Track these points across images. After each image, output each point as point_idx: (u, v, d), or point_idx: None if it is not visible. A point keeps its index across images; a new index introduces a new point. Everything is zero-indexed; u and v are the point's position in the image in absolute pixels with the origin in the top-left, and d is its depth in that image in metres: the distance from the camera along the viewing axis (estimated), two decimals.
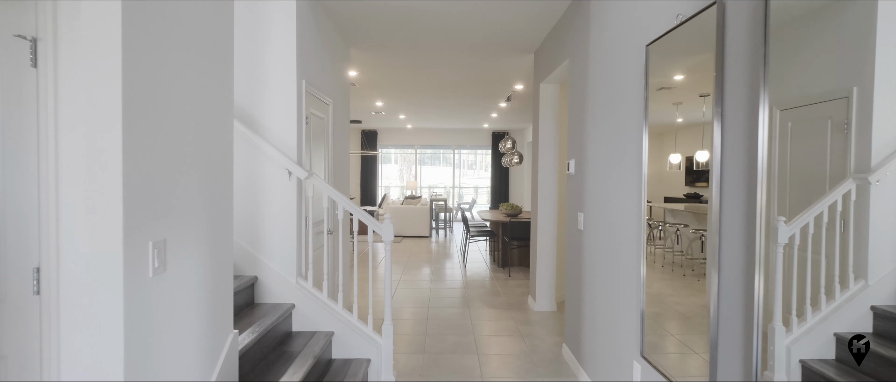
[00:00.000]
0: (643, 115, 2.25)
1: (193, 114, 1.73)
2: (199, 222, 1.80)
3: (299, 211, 3.20)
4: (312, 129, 3.57)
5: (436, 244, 9.57)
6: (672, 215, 2.12)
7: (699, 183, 1.90)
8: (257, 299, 3.16)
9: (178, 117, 1.63)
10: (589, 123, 3.12)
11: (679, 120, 2.06)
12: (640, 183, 2.31)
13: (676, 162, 2.06)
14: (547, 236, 4.80)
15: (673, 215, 2.12)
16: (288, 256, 3.15)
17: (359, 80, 6.68)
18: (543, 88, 4.76)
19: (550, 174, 4.79)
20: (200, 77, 1.76)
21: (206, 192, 1.83)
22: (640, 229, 2.32)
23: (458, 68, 5.97)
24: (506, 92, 7.54)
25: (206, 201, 1.84)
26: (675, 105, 2.09)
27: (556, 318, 4.61)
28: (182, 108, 1.65)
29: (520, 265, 7.21)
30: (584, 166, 3.21)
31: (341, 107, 4.45)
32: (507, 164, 7.79)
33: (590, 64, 3.11)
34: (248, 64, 3.13)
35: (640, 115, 2.32)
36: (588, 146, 3.14)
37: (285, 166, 3.07)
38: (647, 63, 2.23)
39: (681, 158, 2.03)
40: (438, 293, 5.54)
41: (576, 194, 3.42)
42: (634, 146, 2.39)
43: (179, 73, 1.63)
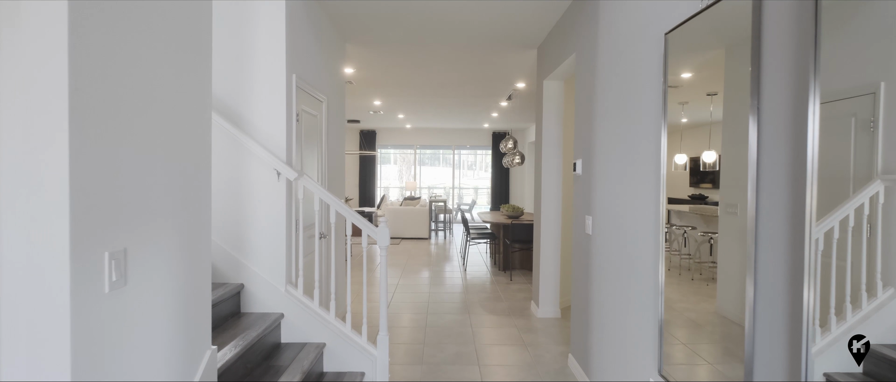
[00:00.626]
0: (662, 110, 2.05)
1: (163, 105, 1.53)
2: (170, 228, 1.60)
3: (289, 214, 3.00)
4: (304, 127, 3.38)
5: (435, 246, 9.38)
6: (678, 216, 2.02)
7: (703, 184, 1.83)
8: (244, 308, 2.96)
9: (144, 109, 1.43)
10: (598, 121, 2.92)
11: (684, 120, 1.98)
12: (657, 184, 2.11)
13: (682, 163, 1.99)
14: (550, 239, 4.60)
15: (679, 216, 2.01)
16: (277, 262, 2.95)
17: (356, 78, 6.49)
18: (547, 85, 4.56)
19: (554, 175, 4.59)
20: (171, 63, 1.57)
21: (178, 194, 1.64)
22: (657, 233, 2.12)
23: (457, 66, 5.77)
24: (507, 90, 7.35)
25: (179, 204, 1.65)
26: (681, 104, 2.00)
27: (560, 325, 4.41)
28: (148, 98, 1.45)
29: (521, 269, 7.01)
30: (593, 167, 3.02)
31: (336, 105, 4.25)
32: (508, 164, 7.60)
33: (599, 57, 2.92)
34: (234, 56, 2.93)
35: (657, 110, 2.13)
36: (597, 145, 2.94)
37: (273, 165, 2.87)
38: (665, 53, 2.04)
39: (686, 158, 1.95)
40: (438, 298, 5.35)
41: (583, 197, 3.22)
42: (651, 144, 2.19)
43: (143, 57, 1.43)
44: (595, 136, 2.98)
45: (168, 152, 1.57)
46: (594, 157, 2.99)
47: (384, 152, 14.21)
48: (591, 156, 3.05)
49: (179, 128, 1.63)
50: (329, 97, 3.98)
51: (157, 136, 1.50)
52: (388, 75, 6.37)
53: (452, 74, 6.27)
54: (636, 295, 2.36)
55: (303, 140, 3.33)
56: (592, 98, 3.03)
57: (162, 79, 1.53)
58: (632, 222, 2.41)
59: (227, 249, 2.94)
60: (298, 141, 3.22)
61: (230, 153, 2.92)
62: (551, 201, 4.58)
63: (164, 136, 1.54)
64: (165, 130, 1.55)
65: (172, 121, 1.59)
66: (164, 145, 1.54)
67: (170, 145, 1.58)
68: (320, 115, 3.78)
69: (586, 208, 3.15)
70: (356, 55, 5.29)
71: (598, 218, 2.92)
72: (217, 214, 2.92)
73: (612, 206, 2.67)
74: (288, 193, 2.97)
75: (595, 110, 2.98)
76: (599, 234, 2.88)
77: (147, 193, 1.47)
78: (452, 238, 10.46)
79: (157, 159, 1.51)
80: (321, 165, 3.82)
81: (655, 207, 2.14)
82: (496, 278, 6.45)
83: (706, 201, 1.83)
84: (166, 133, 1.56)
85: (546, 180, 4.58)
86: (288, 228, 2.98)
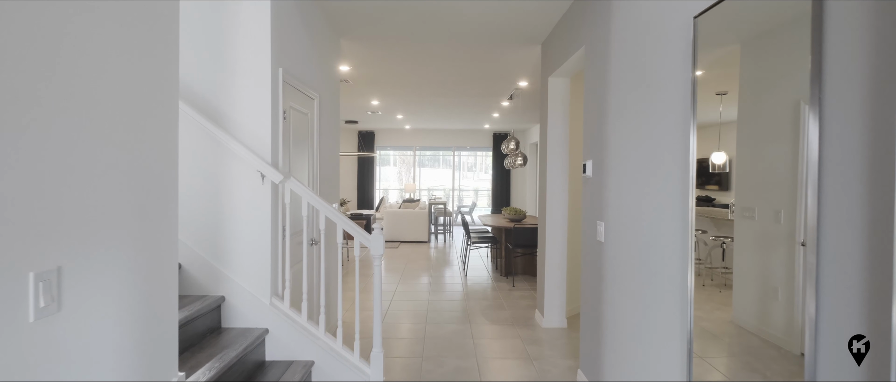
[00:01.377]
0: (690, 104, 1.81)
1: (110, 92, 1.29)
2: (123, 240, 1.36)
3: (274, 220, 2.76)
4: (293, 125, 3.13)
5: (435, 249, 9.13)
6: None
7: (709, 186, 1.77)
8: (225, 322, 2.71)
9: (81, 96, 1.19)
10: (611, 119, 2.68)
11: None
12: (685, 186, 1.87)
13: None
14: (556, 244, 4.36)
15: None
16: (261, 272, 2.70)
17: (352, 76, 6.25)
18: (552, 83, 4.32)
19: (560, 177, 4.35)
20: (121, 42, 1.32)
21: (132, 199, 1.39)
22: (685, 239, 1.88)
23: (457, 63, 5.53)
24: (509, 89, 7.11)
25: (136, 210, 1.40)
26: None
27: (567, 337, 4.16)
28: (87, 82, 1.21)
29: (524, 274, 6.76)
30: (605, 169, 2.78)
31: (330, 103, 4.01)
32: (510, 166, 7.36)
33: (612, 50, 2.67)
34: (214, 46, 2.69)
35: (685, 104, 1.88)
36: (610, 145, 2.70)
37: (257, 167, 2.63)
38: (695, 39, 1.79)
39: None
40: (437, 306, 5.10)
41: (594, 201, 2.98)
42: (676, 143, 1.95)
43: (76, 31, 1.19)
44: (608, 135, 2.73)
45: (120, 149, 1.33)
46: (607, 158, 2.75)
47: (383, 154, 13.98)
48: (604, 157, 2.80)
49: (135, 120, 1.39)
50: (322, 95, 3.74)
51: (101, 130, 1.26)
52: (386, 74, 6.13)
53: (452, 73, 6.04)
54: (657, 307, 2.11)
55: (291, 140, 3.09)
56: (604, 94, 2.78)
57: (108, 60, 1.29)
58: (652, 227, 2.16)
59: (206, 258, 2.69)
60: (286, 141, 2.98)
61: (210, 153, 2.68)
62: (557, 204, 4.34)
63: (112, 130, 1.29)
64: (115, 123, 1.31)
65: (124, 112, 1.34)
66: (113, 140, 1.30)
67: (122, 140, 1.33)
68: (311, 113, 3.54)
69: (597, 212, 2.90)
70: (352, 52, 5.05)
71: (611, 223, 2.67)
72: (195, 220, 2.68)
73: (629, 210, 2.43)
74: (273, 196, 2.73)
75: (607, 107, 2.73)
76: (613, 241, 2.64)
77: (90, 199, 1.22)
78: (452, 242, 10.21)
79: (104, 158, 1.27)
80: (313, 166, 3.57)
81: (682, 210, 1.90)
82: (498, 283, 6.20)
83: (713, 204, 1.76)
84: (116, 127, 1.31)
85: (551, 182, 4.34)
86: (273, 235, 2.73)
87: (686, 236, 1.86)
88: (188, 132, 2.66)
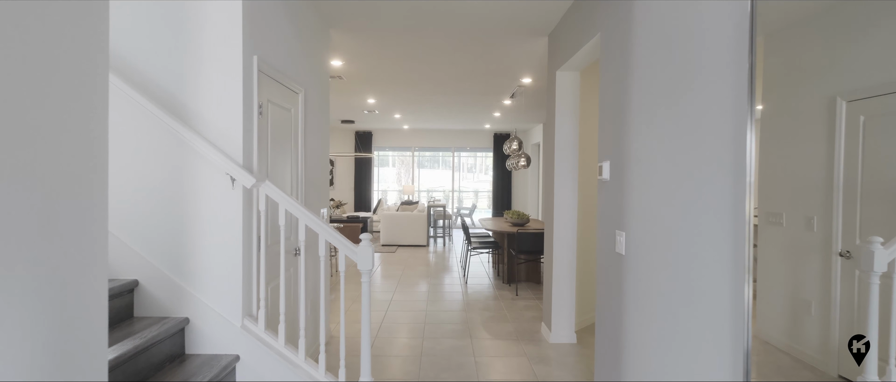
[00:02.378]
0: (748, 96, 1.46)
1: None
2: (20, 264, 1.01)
3: (247, 230, 2.40)
4: (272, 122, 2.78)
5: (434, 254, 8.78)
6: None
7: None
8: (189, 348, 2.36)
9: None
10: (634, 115, 2.33)
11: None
12: (739, 192, 1.52)
13: None
14: (565, 252, 4.00)
15: None
16: (231, 290, 2.35)
17: (346, 72, 5.90)
18: (560, 77, 3.97)
19: (569, 180, 4.00)
20: None
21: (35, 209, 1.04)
22: (740, 254, 1.53)
23: (456, 58, 5.18)
24: (511, 87, 6.76)
25: (41, 223, 1.06)
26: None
27: (577, 354, 3.81)
28: None
29: (528, 281, 6.41)
30: (626, 171, 2.43)
31: (318, 99, 3.66)
32: (512, 167, 7.00)
33: (635, 35, 2.33)
34: (176, 27, 2.34)
35: (738, 96, 1.53)
36: (632, 145, 2.35)
37: (225, 168, 2.27)
38: (753, 14, 1.44)
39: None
40: (436, 318, 4.74)
41: (612, 207, 2.63)
42: (724, 141, 1.60)
43: None
44: (630, 133, 2.38)
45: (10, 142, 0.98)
46: (629, 158, 2.40)
47: (382, 155, 13.63)
48: (625, 158, 2.45)
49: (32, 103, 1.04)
50: (308, 89, 3.39)
51: None
52: (381, 70, 5.78)
53: (451, 69, 5.69)
54: (695, 329, 1.76)
55: (269, 138, 2.74)
56: (626, 86, 2.43)
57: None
58: (690, 238, 1.81)
59: (167, 274, 2.34)
60: (262, 139, 2.63)
61: (173, 154, 2.33)
62: (565, 209, 3.99)
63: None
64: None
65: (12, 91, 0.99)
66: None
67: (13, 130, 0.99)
68: (296, 109, 3.19)
69: (617, 221, 2.55)
70: (343, 45, 4.70)
71: (634, 233, 2.32)
72: (155, 231, 2.33)
73: (657, 219, 2.08)
74: (245, 203, 2.38)
75: (630, 101, 2.38)
76: (637, 253, 2.29)
77: None
78: (452, 246, 9.86)
79: None
80: (297, 169, 3.22)
81: (734, 219, 1.55)
82: (500, 292, 5.85)
83: None
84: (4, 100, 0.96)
85: (560, 185, 3.99)
86: (246, 247, 2.38)
87: (740, 248, 1.51)
88: (147, 129, 2.31)
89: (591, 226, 4.64)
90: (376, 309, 5.04)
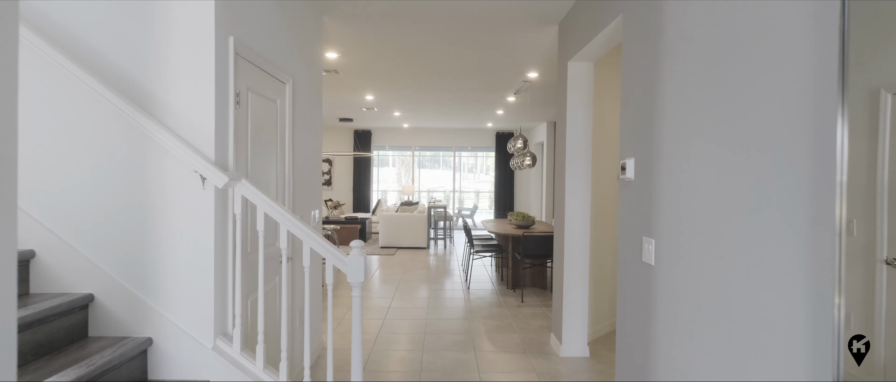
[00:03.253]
0: (838, 61, 1.15)
1: None
2: None
3: (220, 236, 2.09)
4: (253, 114, 2.47)
5: (434, 256, 8.46)
6: None
7: None
8: (153, 373, 2.04)
9: None
10: (667, 101, 2.02)
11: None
12: (828, 193, 1.20)
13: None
14: (577, 258, 3.69)
15: None
16: (202, 306, 2.04)
17: (342, 65, 5.59)
18: (572, 68, 3.66)
19: (581, 179, 3.69)
20: None
21: None
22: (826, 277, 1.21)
23: (458, 50, 4.87)
24: (516, 83, 6.45)
25: None
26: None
27: (592, 370, 3.50)
28: None
29: (533, 286, 6.10)
30: (656, 169, 2.11)
31: (309, 91, 3.35)
32: (517, 166, 6.69)
33: (667, 11, 2.01)
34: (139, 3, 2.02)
35: (824, 63, 1.22)
36: (664, 137, 2.04)
37: (193, 165, 1.96)
38: None
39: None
40: (437, 327, 4.43)
41: (638, 210, 2.31)
42: (801, 123, 1.29)
43: None
44: (661, 123, 2.07)
45: None
46: (659, 154, 2.09)
47: (383, 155, 13.32)
48: (654, 153, 2.14)
49: None
50: (297, 80, 3.08)
51: None
52: (379, 63, 5.47)
53: (453, 62, 5.37)
54: (755, 360, 1.45)
55: (249, 132, 2.43)
56: (656, 70, 2.12)
57: None
58: (746, 249, 1.50)
59: (128, 287, 2.02)
60: (240, 132, 2.32)
61: (135, 149, 2.01)
62: (578, 210, 3.68)
63: None
64: None
65: None
66: None
67: None
68: (282, 101, 2.88)
69: (644, 226, 2.24)
70: (339, 35, 4.39)
71: (667, 241, 2.01)
72: (114, 237, 2.02)
73: (700, 224, 1.77)
74: (218, 205, 2.06)
75: (661, 86, 2.07)
76: (671, 264, 1.97)
77: None
78: (453, 248, 9.54)
79: None
80: (284, 167, 2.91)
81: (812, 226, 1.24)
82: (504, 298, 5.53)
83: None
84: None
85: (571, 184, 3.68)
86: (218, 256, 2.07)
87: (825, 265, 1.20)
88: (104, 120, 2.00)
89: (603, 228, 4.33)
90: (374, 317, 4.73)
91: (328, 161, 12.66)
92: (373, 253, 8.65)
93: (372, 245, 9.71)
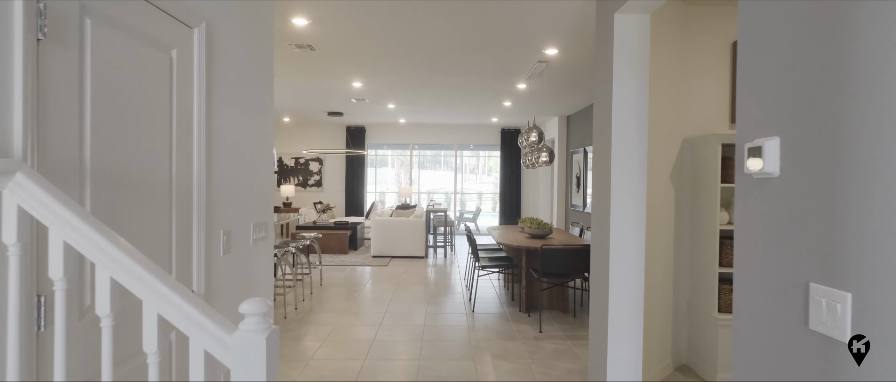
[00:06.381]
0: None
1: None
2: None
3: None
4: (103, 62, 1.43)
5: (433, 268, 7.41)
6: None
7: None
8: None
9: None
10: (873, 43, 0.96)
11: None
12: None
13: None
14: (628, 284, 2.65)
15: None
16: None
17: (316, 37, 4.55)
18: (621, 22, 2.62)
19: (632, 176, 2.65)
20: None
21: None
22: None
23: (459, 15, 3.83)
24: (529, 64, 5.40)
25: None
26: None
27: None
28: None
29: (551, 309, 5.04)
30: (842, 158, 1.06)
31: (243, 46, 2.30)
32: (530, 164, 5.64)
33: None
34: None
35: None
36: (861, 106, 0.98)
37: None
38: None
39: None
40: (433, 371, 3.38)
41: (796, 235, 1.26)
42: None
43: None
44: (854, 83, 1.02)
45: None
46: (851, 133, 1.04)
47: (381, 154, 12.29)
48: (838, 132, 1.09)
49: None
50: (217, 26, 2.04)
51: None
52: (364, 37, 4.42)
53: (453, 32, 4.33)
54: None
55: (88, 91, 1.38)
56: None
57: None
58: None
59: None
60: (53, 87, 1.27)
61: None
62: (628, 219, 2.64)
63: None
64: None
65: None
66: None
67: None
68: (184, 53, 1.84)
69: (816, 265, 1.18)
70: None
71: (879, 298, 0.95)
72: None
73: None
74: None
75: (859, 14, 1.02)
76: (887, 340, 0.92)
77: None
78: (455, 258, 8.49)
79: None
80: (190, 159, 1.87)
81: None
82: (518, 327, 4.48)
83: None
84: None
85: (619, 183, 2.64)
86: None
87: None
88: None
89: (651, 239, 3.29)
90: (352, 357, 3.68)
91: (318, 160, 11.63)
92: (364, 264, 7.61)
93: (363, 254, 8.67)
